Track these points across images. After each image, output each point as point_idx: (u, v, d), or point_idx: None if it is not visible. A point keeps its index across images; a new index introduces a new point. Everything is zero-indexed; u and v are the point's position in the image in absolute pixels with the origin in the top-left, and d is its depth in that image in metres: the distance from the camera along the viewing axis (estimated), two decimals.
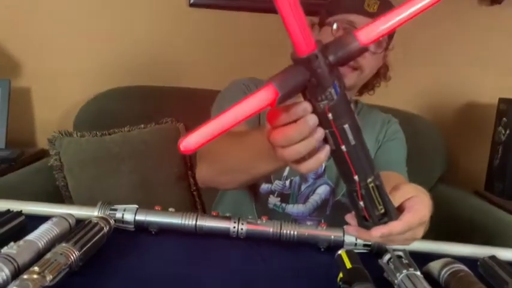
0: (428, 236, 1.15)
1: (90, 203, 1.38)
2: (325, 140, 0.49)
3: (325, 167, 1.06)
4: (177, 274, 0.63)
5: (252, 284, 0.62)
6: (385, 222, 0.54)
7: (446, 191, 1.68)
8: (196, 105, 1.71)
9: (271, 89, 0.43)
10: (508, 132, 1.66)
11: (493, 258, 0.67)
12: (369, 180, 0.50)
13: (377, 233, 0.53)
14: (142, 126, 1.57)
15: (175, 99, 1.76)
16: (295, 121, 0.47)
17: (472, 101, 1.90)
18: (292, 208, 1.05)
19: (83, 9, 1.84)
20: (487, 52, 1.87)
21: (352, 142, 0.48)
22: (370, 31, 0.44)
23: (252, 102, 0.43)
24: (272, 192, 1.05)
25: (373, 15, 0.95)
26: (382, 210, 0.53)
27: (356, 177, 0.49)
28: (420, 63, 1.86)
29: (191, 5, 1.82)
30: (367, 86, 1.15)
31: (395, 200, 0.58)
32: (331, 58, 0.44)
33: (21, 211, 0.70)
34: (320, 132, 0.48)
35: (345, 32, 0.43)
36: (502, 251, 0.73)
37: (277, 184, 1.05)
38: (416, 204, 0.59)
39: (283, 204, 1.05)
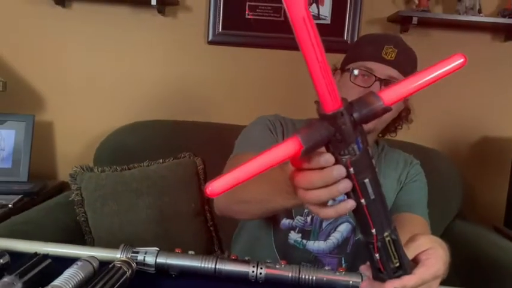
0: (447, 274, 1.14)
1: (109, 237, 1.41)
2: (351, 194, 0.50)
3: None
4: None
5: None
6: (400, 276, 0.54)
7: (465, 227, 1.66)
8: (213, 139, 1.76)
9: (296, 141, 0.45)
10: None
11: None
12: (386, 234, 0.51)
13: (390, 287, 0.54)
14: (160, 161, 1.60)
15: (193, 133, 1.79)
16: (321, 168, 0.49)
17: (489, 135, 1.90)
18: (313, 245, 1.05)
19: (104, 47, 1.91)
20: (503, 87, 1.88)
21: (372, 196, 0.49)
22: (393, 93, 0.46)
23: (277, 152, 0.45)
24: (293, 228, 1.06)
25: (391, 63, 0.99)
26: (397, 264, 0.54)
27: (373, 231, 0.51)
28: (436, 98, 1.88)
29: (209, 43, 1.88)
30: (389, 128, 1.15)
31: (410, 251, 0.59)
32: (355, 115, 0.45)
33: (47, 254, 0.72)
34: (345, 184, 0.48)
35: (370, 92, 0.44)
36: None
37: (298, 220, 1.05)
38: (431, 258, 0.59)
39: (304, 241, 1.05)
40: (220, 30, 1.86)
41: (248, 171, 0.45)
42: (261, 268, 0.76)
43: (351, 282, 0.75)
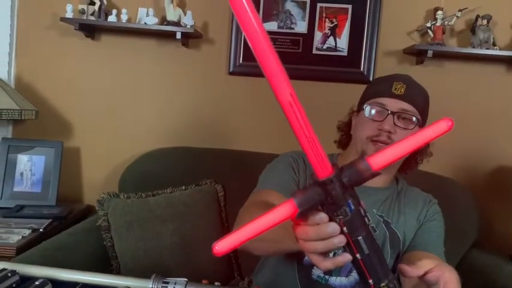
0: None
1: (135, 262, 1.47)
2: (346, 249, 0.55)
3: None
4: None
5: None
6: None
7: (481, 257, 1.67)
8: (233, 166, 1.82)
9: (292, 205, 0.50)
10: None
11: None
12: (383, 284, 0.55)
13: None
14: (183, 187, 1.67)
15: (214, 159, 1.86)
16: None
17: (505, 165, 1.92)
18: (335, 280, 1.08)
19: (130, 77, 2.01)
20: None
21: (366, 252, 0.54)
22: (382, 158, 0.50)
23: (276, 215, 0.50)
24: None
25: (401, 97, 1.06)
26: None
27: (370, 281, 0.55)
28: (455, 128, 1.91)
29: (230, 74, 1.96)
30: (410, 164, 1.18)
31: (419, 265, 0.64)
32: (345, 180, 0.50)
33: (87, 284, 0.78)
34: (339, 238, 0.53)
35: (360, 158, 0.49)
36: None
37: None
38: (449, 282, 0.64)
39: (327, 276, 1.08)
40: (241, 61, 1.94)
41: (250, 232, 0.50)
42: None
43: None
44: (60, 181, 1.90)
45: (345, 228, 0.52)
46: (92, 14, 1.88)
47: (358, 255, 0.54)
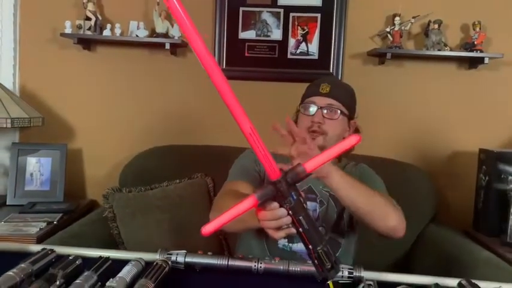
0: (420, 268, 1.45)
1: (139, 247, 1.70)
2: (293, 225, 0.81)
3: (318, 214, 1.37)
4: None
5: None
6: (332, 273, 0.80)
7: (438, 231, 1.93)
8: (220, 160, 2.03)
9: (253, 199, 0.75)
10: (487, 178, 1.94)
11: (436, 285, 0.94)
12: (319, 248, 0.79)
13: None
14: (177, 181, 1.91)
15: (204, 155, 2.09)
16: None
17: (458, 150, 2.19)
18: (297, 247, 1.34)
19: (125, 83, 2.23)
20: (468, 109, 2.17)
21: (306, 227, 0.78)
22: (313, 164, 0.74)
23: (244, 205, 0.74)
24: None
25: (327, 95, 1.36)
26: (329, 266, 0.80)
27: (310, 246, 0.80)
28: (413, 120, 2.18)
29: None
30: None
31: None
32: (289, 180, 0.75)
33: (108, 257, 1.01)
34: (286, 219, 0.80)
35: (298, 164, 0.74)
36: (446, 280, 1.00)
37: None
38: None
39: (290, 244, 1.34)
40: (224, 66, 2.18)
41: (226, 218, 0.73)
42: (261, 263, 1.05)
43: None
44: (66, 179, 2.12)
45: (290, 212, 0.77)
46: (89, 29, 2.09)
47: (300, 229, 0.78)
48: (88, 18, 2.10)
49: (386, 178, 1.91)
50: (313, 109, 1.36)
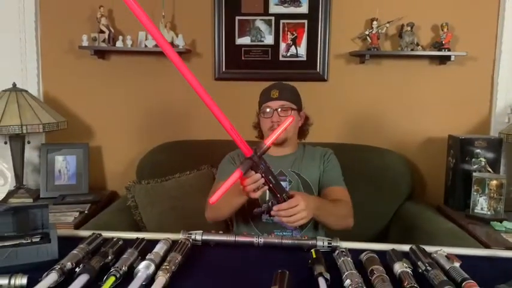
0: (395, 239, 1.75)
1: (159, 229, 2.00)
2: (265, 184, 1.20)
3: (288, 189, 1.64)
4: (226, 266, 1.22)
5: (267, 266, 1.20)
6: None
7: (413, 208, 2.23)
8: (224, 152, 2.31)
9: (239, 171, 1.10)
10: (454, 161, 2.24)
11: (393, 250, 1.24)
12: (284, 195, 1.24)
13: (276, 208, 1.28)
14: (188, 172, 2.21)
15: (209, 148, 2.35)
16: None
17: (432, 136, 2.49)
18: (276, 219, 1.57)
19: (136, 87, 2.51)
20: (439, 100, 2.46)
21: (273, 182, 1.19)
22: (269, 139, 1.13)
23: (233, 176, 1.08)
24: (262, 211, 1.64)
25: (277, 98, 1.67)
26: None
27: (278, 195, 1.23)
28: (390, 110, 2.47)
29: (216, 79, 2.48)
30: (301, 135, 1.82)
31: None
32: (258, 153, 1.13)
33: (143, 238, 1.31)
34: (261, 180, 1.19)
35: (262, 142, 1.14)
36: (401, 246, 1.29)
37: (264, 206, 1.63)
38: (295, 197, 1.29)
39: (271, 217, 1.61)
40: (224, 69, 2.46)
41: (224, 188, 1.06)
42: (261, 239, 1.35)
43: (310, 243, 1.33)
44: (89, 174, 2.42)
45: (263, 174, 1.17)
46: (103, 41, 2.36)
47: (270, 185, 1.20)
48: (102, 31, 2.37)
49: (367, 162, 2.22)
50: (269, 112, 1.67)
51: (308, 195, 1.43)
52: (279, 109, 1.66)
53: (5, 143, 2.26)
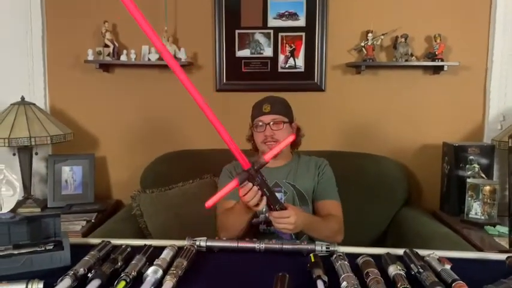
0: (392, 243, 1.83)
1: (164, 237, 2.06)
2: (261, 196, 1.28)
3: (283, 200, 1.71)
4: (229, 270, 1.28)
5: (268, 270, 1.25)
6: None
7: (410, 213, 2.29)
8: (225, 161, 2.39)
9: (236, 181, 1.17)
10: (449, 167, 2.31)
11: (387, 254, 1.30)
12: (277, 206, 1.30)
13: (271, 214, 1.35)
14: (190, 181, 2.27)
15: (211, 158, 2.39)
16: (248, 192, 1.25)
17: (425, 144, 2.56)
18: (273, 228, 1.60)
19: (140, 99, 2.59)
20: (433, 108, 2.53)
21: (267, 194, 1.27)
22: (270, 154, 1.20)
23: (229, 186, 1.16)
24: (260, 222, 1.72)
25: (269, 113, 1.70)
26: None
27: (272, 206, 1.30)
28: (385, 119, 2.54)
29: (217, 91, 2.55)
30: (294, 146, 1.85)
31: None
32: (256, 167, 1.20)
33: (151, 245, 1.38)
34: (259, 193, 1.26)
35: (259, 156, 1.16)
36: (396, 250, 1.35)
37: (261, 217, 1.72)
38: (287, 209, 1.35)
39: (268, 228, 1.70)
40: (224, 81, 2.53)
41: (220, 196, 1.17)
42: (262, 244, 1.41)
43: (309, 247, 1.39)
44: (95, 183, 2.49)
45: (258, 187, 1.24)
46: (108, 55, 2.44)
47: (264, 197, 1.27)
48: (106, 46, 2.45)
49: (365, 169, 2.28)
50: (262, 126, 1.71)
51: (301, 211, 1.49)
52: (271, 123, 1.70)
53: (14, 154, 2.33)
